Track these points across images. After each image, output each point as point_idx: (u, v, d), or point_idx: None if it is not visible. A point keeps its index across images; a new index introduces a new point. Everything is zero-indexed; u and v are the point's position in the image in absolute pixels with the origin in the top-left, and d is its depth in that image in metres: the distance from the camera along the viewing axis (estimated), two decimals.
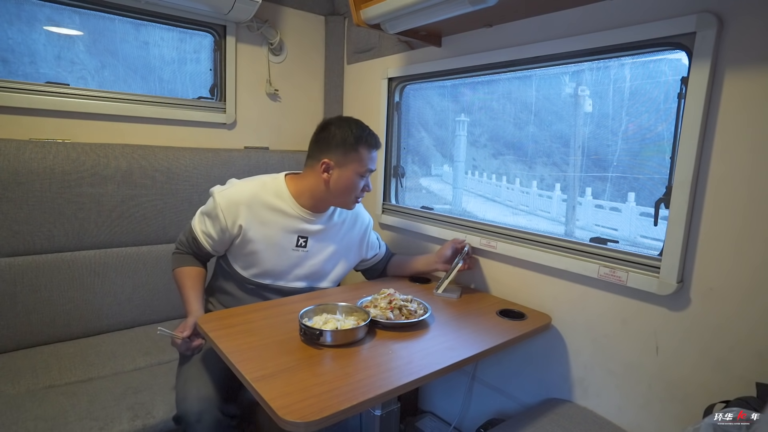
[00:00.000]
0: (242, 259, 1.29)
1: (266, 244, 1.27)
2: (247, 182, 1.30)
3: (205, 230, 1.28)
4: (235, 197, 1.25)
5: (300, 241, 1.31)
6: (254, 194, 1.27)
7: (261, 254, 1.27)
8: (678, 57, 1.07)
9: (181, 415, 1.08)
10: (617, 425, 1.16)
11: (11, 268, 1.39)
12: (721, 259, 0.98)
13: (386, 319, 1.11)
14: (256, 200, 1.26)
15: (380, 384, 0.85)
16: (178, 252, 1.33)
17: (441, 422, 1.64)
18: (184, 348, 1.15)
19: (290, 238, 1.30)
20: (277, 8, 1.96)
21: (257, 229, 1.26)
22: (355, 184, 1.28)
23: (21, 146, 1.39)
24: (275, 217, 1.28)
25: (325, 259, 1.37)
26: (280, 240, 1.28)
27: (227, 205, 1.23)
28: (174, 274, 1.30)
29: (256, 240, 1.26)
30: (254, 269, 1.29)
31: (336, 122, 1.29)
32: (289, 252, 1.30)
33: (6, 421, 1.06)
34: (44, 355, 1.38)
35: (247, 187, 1.28)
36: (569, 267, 1.23)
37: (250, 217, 1.25)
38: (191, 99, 1.84)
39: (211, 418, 1.06)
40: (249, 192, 1.26)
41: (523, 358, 1.39)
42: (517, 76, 1.50)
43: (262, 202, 1.27)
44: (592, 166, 1.35)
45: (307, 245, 1.32)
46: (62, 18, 1.58)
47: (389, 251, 1.59)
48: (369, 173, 1.31)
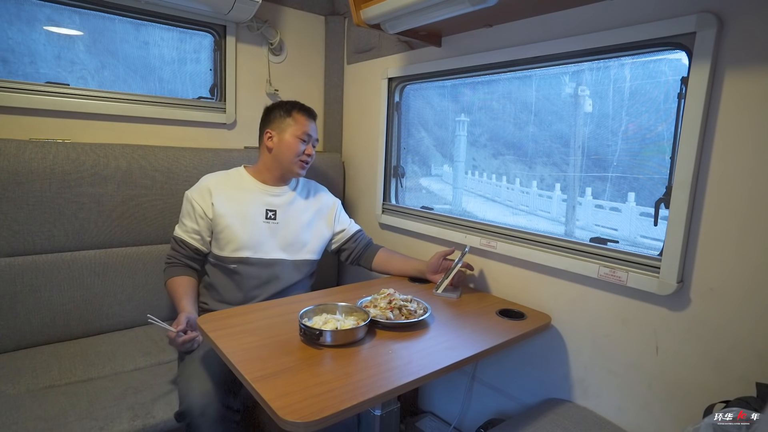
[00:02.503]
0: (220, 239, 1.40)
1: (237, 217, 1.40)
2: (212, 174, 1.49)
3: (186, 229, 1.41)
4: (202, 184, 1.44)
5: (269, 213, 1.45)
6: (220, 179, 1.46)
7: (234, 227, 1.39)
8: (678, 57, 1.07)
9: (184, 410, 1.09)
10: (617, 425, 1.16)
11: (11, 268, 1.39)
12: (721, 259, 0.98)
13: (386, 319, 1.11)
14: (222, 183, 1.45)
15: (380, 384, 0.85)
16: (168, 265, 1.41)
17: (441, 422, 1.64)
18: (179, 341, 1.18)
19: (259, 210, 1.44)
20: (277, 8, 1.96)
21: (226, 204, 1.41)
22: (294, 146, 1.43)
23: (21, 146, 1.38)
24: (241, 194, 1.44)
25: (299, 229, 1.48)
26: (249, 211, 1.42)
27: (198, 193, 1.42)
28: (166, 287, 1.39)
29: (227, 214, 1.40)
30: (231, 244, 1.40)
31: (274, 104, 1.51)
32: (260, 223, 1.43)
33: (6, 421, 1.06)
34: (44, 355, 1.38)
35: (213, 176, 1.48)
36: (569, 267, 1.23)
37: (219, 195, 1.41)
38: (191, 99, 1.84)
39: (214, 411, 1.08)
40: (215, 179, 1.46)
41: (523, 358, 1.39)
42: (517, 76, 1.50)
43: (228, 183, 1.46)
44: (592, 166, 1.35)
45: (277, 217, 1.46)
46: (62, 18, 1.58)
47: (363, 235, 1.65)
48: (309, 138, 1.46)
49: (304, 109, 1.49)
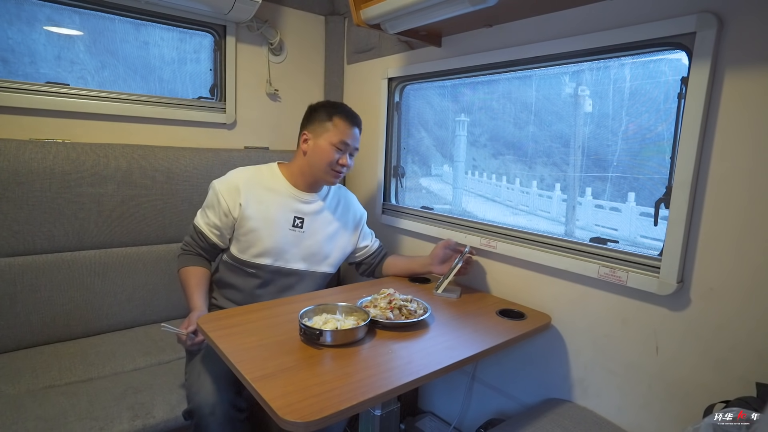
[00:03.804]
0: (242, 240, 1.33)
1: (263, 222, 1.33)
2: (243, 169, 1.40)
3: (208, 222, 1.34)
4: (232, 180, 1.34)
5: (296, 221, 1.37)
6: (250, 176, 1.37)
7: (259, 232, 1.32)
8: (678, 57, 1.07)
9: (193, 408, 1.09)
10: (617, 425, 1.16)
11: (11, 268, 1.39)
12: (721, 259, 0.98)
13: (386, 319, 1.11)
14: (253, 181, 1.35)
15: (380, 384, 0.85)
16: (183, 252, 1.37)
17: (441, 422, 1.64)
18: (189, 343, 1.17)
19: (287, 217, 1.36)
20: (277, 8, 1.96)
21: (255, 206, 1.33)
22: (328, 153, 1.33)
23: (21, 146, 1.39)
24: (271, 196, 1.36)
25: (323, 240, 1.41)
26: (276, 217, 1.34)
27: (227, 188, 1.32)
28: (179, 274, 1.35)
29: (254, 217, 1.32)
30: (253, 249, 1.33)
31: (320, 103, 1.41)
32: (286, 230, 1.35)
33: (6, 421, 1.06)
34: (44, 355, 1.38)
35: (244, 172, 1.38)
36: (569, 267, 1.23)
37: (248, 195, 1.32)
38: (191, 99, 1.84)
39: (223, 410, 1.08)
40: (245, 175, 1.37)
41: (523, 358, 1.39)
42: (517, 76, 1.50)
43: (259, 182, 1.36)
44: (592, 166, 1.35)
45: (304, 226, 1.38)
46: (62, 18, 1.58)
47: (382, 248, 1.60)
48: (347, 147, 1.35)
49: (348, 114, 1.36)
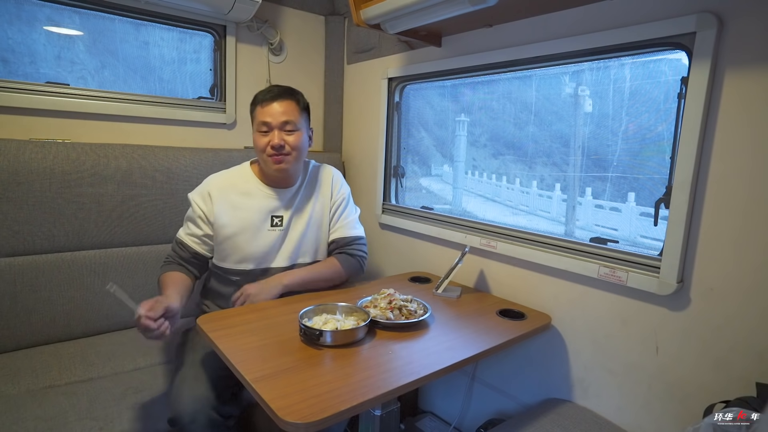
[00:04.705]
0: (220, 249, 1.32)
1: (241, 227, 1.30)
2: (218, 175, 1.37)
3: (188, 232, 1.33)
4: (205, 189, 1.32)
5: (275, 220, 1.34)
6: (224, 182, 1.34)
7: (236, 238, 1.30)
8: (678, 57, 1.07)
9: (174, 416, 1.06)
10: (617, 425, 1.16)
11: (11, 268, 1.39)
12: (721, 259, 0.98)
13: (386, 319, 1.11)
14: (226, 188, 1.33)
15: (380, 384, 0.85)
16: (164, 263, 1.33)
17: (441, 422, 1.64)
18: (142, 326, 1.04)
19: (264, 218, 1.33)
20: (277, 8, 1.96)
21: (230, 213, 1.30)
22: (257, 142, 1.29)
23: (21, 146, 1.38)
24: (246, 200, 1.33)
25: (306, 232, 1.37)
26: (253, 221, 1.31)
27: (200, 197, 1.31)
28: (158, 283, 1.28)
29: (229, 224, 1.29)
30: (234, 256, 1.31)
31: None
32: (265, 232, 1.33)
33: (6, 421, 1.06)
34: (44, 355, 1.38)
35: (217, 178, 1.36)
36: (569, 267, 1.23)
37: (220, 202, 1.30)
38: (191, 99, 1.84)
39: (206, 418, 1.05)
40: (218, 181, 1.34)
41: (523, 358, 1.39)
42: (517, 76, 1.50)
43: (232, 186, 1.33)
44: (592, 166, 1.35)
45: (283, 223, 1.35)
46: (62, 18, 1.58)
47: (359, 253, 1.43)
48: (269, 126, 1.25)
49: (263, 95, 1.28)
